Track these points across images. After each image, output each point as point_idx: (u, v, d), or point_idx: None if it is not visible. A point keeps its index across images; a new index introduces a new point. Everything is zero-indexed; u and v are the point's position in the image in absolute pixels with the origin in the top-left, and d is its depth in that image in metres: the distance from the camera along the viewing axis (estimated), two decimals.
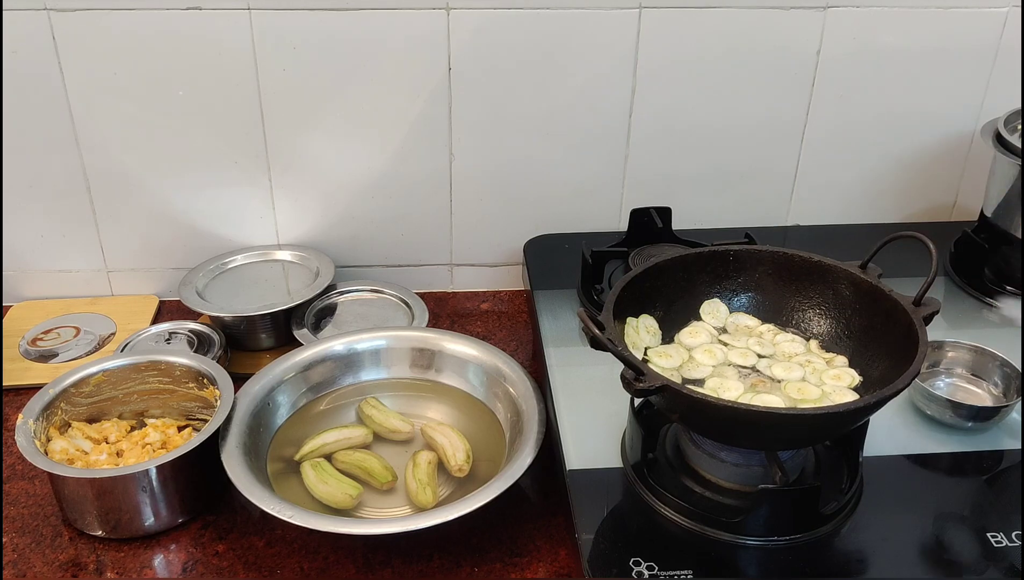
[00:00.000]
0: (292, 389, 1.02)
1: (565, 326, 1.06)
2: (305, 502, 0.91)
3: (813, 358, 0.86)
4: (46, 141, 1.14)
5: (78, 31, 1.08)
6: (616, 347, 0.75)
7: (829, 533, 0.80)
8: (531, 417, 0.95)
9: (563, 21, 1.11)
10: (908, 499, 0.84)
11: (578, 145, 1.20)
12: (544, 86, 1.16)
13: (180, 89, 1.12)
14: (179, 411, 1.01)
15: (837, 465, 0.86)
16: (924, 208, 1.30)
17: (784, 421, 0.73)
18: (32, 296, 1.25)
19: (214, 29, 1.09)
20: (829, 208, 1.28)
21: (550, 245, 1.22)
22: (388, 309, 1.21)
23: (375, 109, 1.16)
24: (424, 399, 1.05)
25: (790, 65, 1.17)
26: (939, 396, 0.91)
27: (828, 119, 1.21)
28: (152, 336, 1.15)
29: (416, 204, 1.24)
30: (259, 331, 1.15)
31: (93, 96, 1.12)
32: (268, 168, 1.19)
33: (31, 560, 0.88)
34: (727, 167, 1.24)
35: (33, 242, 1.22)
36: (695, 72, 1.16)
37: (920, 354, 0.75)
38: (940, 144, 1.25)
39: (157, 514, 0.90)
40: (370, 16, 1.09)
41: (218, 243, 1.24)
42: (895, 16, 1.15)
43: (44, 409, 0.94)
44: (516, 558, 0.88)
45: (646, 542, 0.79)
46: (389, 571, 0.87)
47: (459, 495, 0.89)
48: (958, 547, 0.79)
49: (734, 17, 1.13)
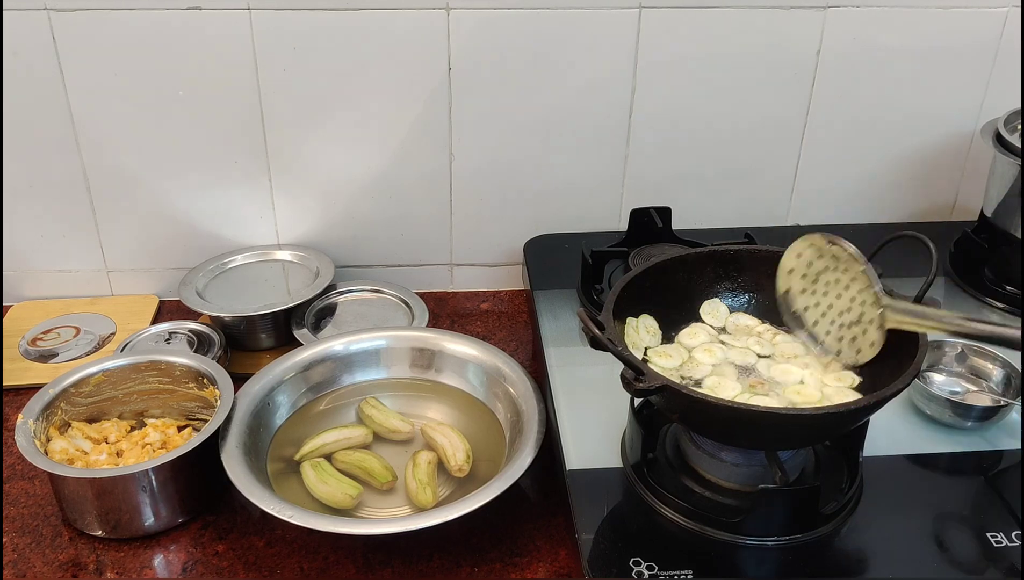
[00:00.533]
0: (292, 389, 1.02)
1: (565, 326, 1.06)
2: (305, 502, 0.91)
3: (812, 360, 0.86)
4: (46, 141, 1.14)
5: (78, 31, 1.08)
6: (616, 347, 0.75)
7: (829, 533, 0.80)
8: (531, 417, 0.95)
9: (563, 21, 1.11)
10: (908, 499, 0.84)
11: (578, 145, 1.20)
12: (544, 86, 1.16)
13: (180, 89, 1.12)
14: (179, 411, 1.01)
15: (837, 465, 0.86)
16: (924, 208, 1.30)
17: (784, 421, 0.73)
18: (32, 296, 1.25)
19: (214, 29, 1.09)
20: (829, 208, 1.28)
21: (550, 245, 1.22)
22: (388, 309, 1.21)
23: (375, 109, 1.16)
24: (424, 399, 1.05)
25: (790, 65, 1.17)
26: (939, 396, 0.91)
27: (828, 119, 1.21)
28: (152, 336, 1.15)
29: (416, 204, 1.24)
30: (259, 331, 1.15)
31: (93, 96, 1.12)
32: (268, 168, 1.19)
33: (31, 560, 0.88)
34: (727, 167, 1.24)
35: (33, 242, 1.22)
36: (695, 72, 1.16)
37: (920, 354, 0.75)
38: (940, 144, 1.25)
39: (157, 514, 0.90)
40: (370, 16, 1.09)
41: (218, 243, 1.24)
42: (895, 16, 1.15)
43: (44, 409, 0.94)
44: (516, 558, 0.88)
45: (646, 542, 0.79)
46: (389, 571, 0.87)
47: (459, 495, 0.89)
48: (958, 547, 0.79)
49: (734, 17, 1.13)
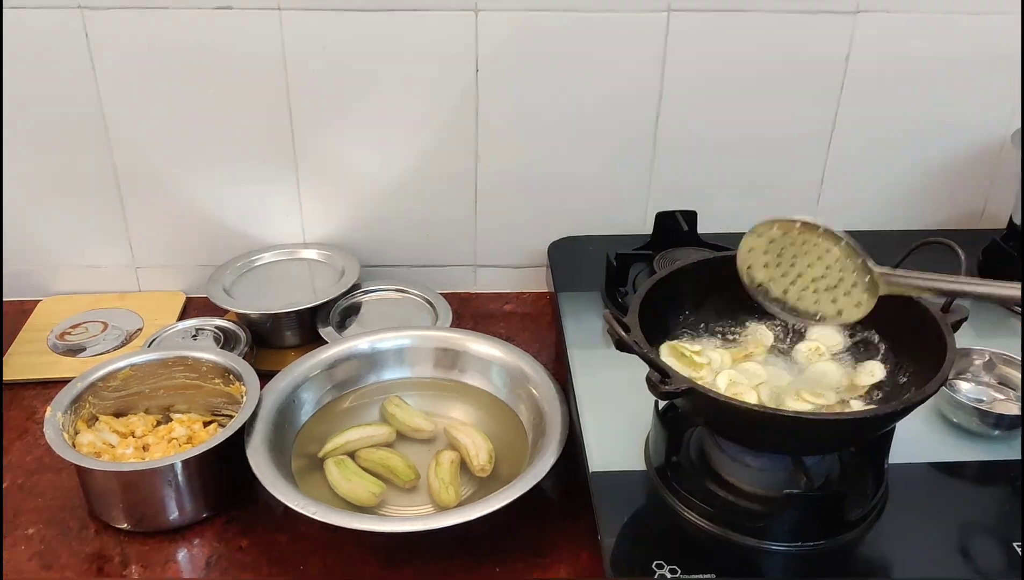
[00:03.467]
0: (317, 386, 1.03)
1: (589, 328, 1.06)
2: (328, 499, 0.91)
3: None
4: (78, 138, 1.16)
5: (110, 29, 1.09)
6: (642, 349, 0.75)
7: (854, 539, 0.79)
8: (554, 419, 0.95)
9: (591, 23, 1.11)
10: (933, 507, 0.83)
11: (604, 147, 1.20)
12: (571, 88, 1.16)
13: (210, 88, 1.13)
14: (205, 406, 1.02)
15: (862, 471, 0.85)
16: (952, 215, 1.29)
17: (811, 426, 0.73)
18: (61, 291, 1.27)
19: (244, 28, 1.10)
20: (856, 214, 1.27)
21: (574, 247, 1.22)
22: (412, 309, 1.21)
23: (402, 109, 1.16)
24: (447, 399, 1.05)
25: (818, 70, 1.17)
26: (966, 404, 0.90)
27: (856, 124, 1.20)
28: (179, 332, 1.15)
29: (441, 205, 1.24)
30: (285, 328, 1.16)
31: (124, 94, 1.13)
32: (296, 167, 1.20)
33: (58, 551, 0.89)
34: (754, 171, 1.23)
35: (63, 238, 1.23)
36: (723, 76, 1.16)
37: (948, 361, 0.75)
38: (969, 151, 1.24)
39: (182, 508, 0.90)
40: (399, 17, 1.10)
41: (245, 241, 1.25)
42: (925, 22, 1.14)
43: (72, 402, 0.95)
44: (538, 559, 0.88)
45: (669, 545, 0.79)
46: (411, 569, 0.87)
47: (481, 495, 0.89)
48: (983, 556, 0.78)
49: (763, 21, 1.13)
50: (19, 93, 1.13)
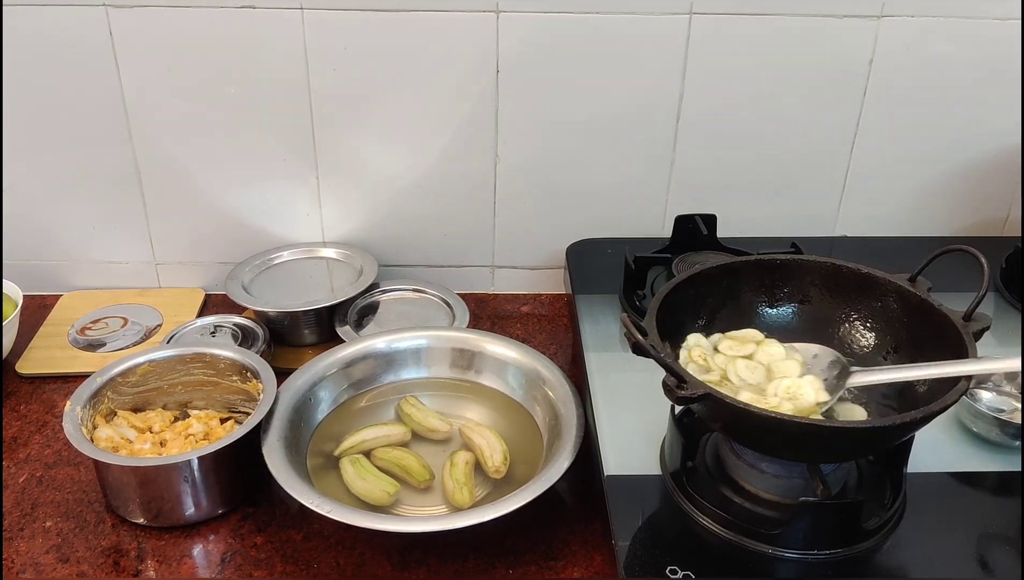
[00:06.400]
0: (333, 385, 1.03)
1: (606, 331, 1.05)
2: (343, 497, 0.92)
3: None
4: (100, 134, 1.17)
5: (134, 26, 1.10)
6: (659, 353, 0.74)
7: (870, 549, 0.79)
8: (569, 421, 0.94)
9: (612, 25, 1.11)
10: (952, 517, 0.82)
11: (623, 150, 1.20)
12: (591, 90, 1.15)
13: (232, 86, 1.14)
14: (222, 403, 1.03)
15: (880, 480, 0.84)
16: (975, 222, 1.28)
17: (829, 434, 0.72)
18: (82, 286, 1.28)
19: (266, 28, 1.10)
20: (878, 219, 1.26)
21: (593, 249, 1.21)
22: (429, 309, 1.21)
23: (422, 109, 1.17)
24: (463, 399, 1.05)
25: (842, 74, 1.16)
26: (986, 413, 0.89)
27: (879, 129, 1.19)
28: (197, 329, 1.16)
29: (460, 205, 1.24)
30: (302, 327, 1.16)
31: (147, 91, 1.14)
32: (316, 166, 1.20)
33: (75, 545, 0.90)
34: (775, 175, 1.23)
35: (85, 233, 1.24)
36: (744, 79, 1.15)
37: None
38: (993, 157, 1.23)
39: (198, 504, 0.91)
40: (420, 17, 1.10)
41: (264, 239, 1.26)
42: (950, 26, 1.13)
43: (91, 397, 0.95)
44: (551, 561, 0.88)
45: (683, 550, 0.78)
46: (424, 569, 0.87)
47: (495, 496, 0.89)
48: (1002, 567, 0.77)
49: (786, 25, 1.12)
50: (43, 89, 1.14)
